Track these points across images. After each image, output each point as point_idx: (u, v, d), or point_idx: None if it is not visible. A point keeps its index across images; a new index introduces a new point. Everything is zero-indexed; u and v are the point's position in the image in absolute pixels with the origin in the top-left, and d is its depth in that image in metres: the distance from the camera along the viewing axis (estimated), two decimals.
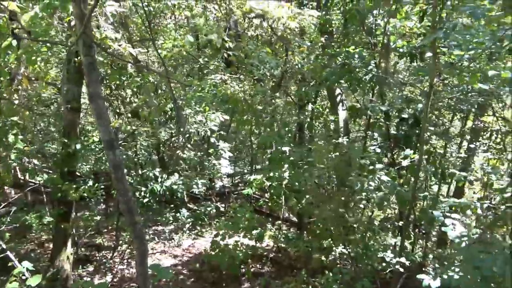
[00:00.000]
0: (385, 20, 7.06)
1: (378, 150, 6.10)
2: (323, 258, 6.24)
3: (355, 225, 5.85)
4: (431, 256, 7.34)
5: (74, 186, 6.50)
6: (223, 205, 11.58)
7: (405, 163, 5.97)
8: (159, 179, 7.98)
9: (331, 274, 5.71)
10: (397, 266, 5.27)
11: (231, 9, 6.63)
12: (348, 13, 6.56)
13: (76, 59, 5.84)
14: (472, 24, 6.11)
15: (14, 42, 2.99)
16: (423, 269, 6.43)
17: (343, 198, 6.06)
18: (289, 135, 9.49)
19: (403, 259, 5.28)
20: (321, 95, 11.22)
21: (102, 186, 8.18)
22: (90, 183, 7.25)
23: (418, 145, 6.80)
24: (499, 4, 6.32)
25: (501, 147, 8.03)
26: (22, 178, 11.99)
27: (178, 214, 10.04)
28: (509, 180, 5.68)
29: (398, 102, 7.67)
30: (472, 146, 7.61)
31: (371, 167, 5.54)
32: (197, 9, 6.98)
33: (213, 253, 7.45)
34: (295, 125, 9.86)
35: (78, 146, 6.49)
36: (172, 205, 10.35)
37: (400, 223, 6.03)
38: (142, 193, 7.67)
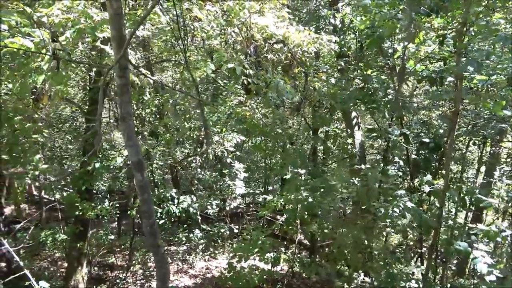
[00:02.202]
0: (402, 44, 7.09)
1: (400, 174, 6.00)
2: (345, 286, 6.06)
3: (375, 252, 5.70)
4: (449, 285, 7.10)
5: (92, 204, 6.49)
6: (236, 226, 11.46)
7: (426, 188, 5.86)
8: (175, 200, 7.93)
9: None
10: None
11: (252, 35, 6.69)
12: (368, 38, 6.58)
13: (104, 81, 5.93)
14: (492, 50, 6.11)
15: (54, 63, 3.06)
16: None
17: (363, 224, 5.93)
18: (305, 157, 9.44)
19: None
20: (335, 117, 11.23)
21: (117, 205, 8.17)
22: (107, 201, 7.25)
23: (441, 170, 6.69)
24: None
25: None
26: (37, 194, 12.08)
27: (191, 235, 9.94)
28: None
29: (417, 126, 7.61)
30: (494, 172, 7.45)
31: (392, 192, 5.44)
32: (215, 31, 7.09)
33: (228, 275, 7.31)
34: (309, 147, 9.82)
35: (97, 165, 6.52)
36: (185, 225, 10.27)
37: (423, 249, 5.87)
38: (158, 214, 7.62)
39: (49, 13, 3.49)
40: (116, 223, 11.16)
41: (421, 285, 5.11)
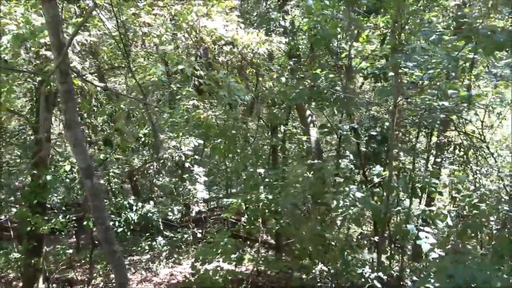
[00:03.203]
0: (349, 43, 7.45)
1: (351, 166, 6.30)
2: (303, 276, 6.26)
3: (333, 243, 5.94)
4: (408, 270, 7.49)
5: (46, 218, 6.28)
6: (200, 230, 11.42)
7: (376, 179, 6.19)
8: (134, 207, 7.81)
9: None
10: (375, 282, 5.37)
11: (202, 37, 6.77)
12: (313, 38, 6.87)
13: (45, 88, 5.77)
14: (429, 46, 6.57)
15: None
16: (401, 283, 6.57)
17: (319, 217, 6.16)
18: (263, 157, 9.62)
19: (380, 274, 5.39)
20: (292, 116, 11.53)
21: (74, 218, 7.92)
22: (61, 215, 7.02)
23: (388, 161, 7.06)
24: (451, 30, 6.85)
25: (464, 160, 8.45)
26: None
27: (154, 243, 9.81)
28: (474, 187, 5.98)
29: (366, 121, 7.99)
30: (438, 160, 7.97)
31: (345, 185, 5.71)
32: (165, 36, 7.12)
33: (192, 279, 7.31)
34: (268, 147, 10.01)
35: (49, 177, 6.32)
36: (147, 234, 10.12)
37: (376, 238, 6.18)
38: (116, 223, 7.47)
39: None
40: (74, 237, 10.78)
41: (375, 270, 5.39)
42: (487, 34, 3.83)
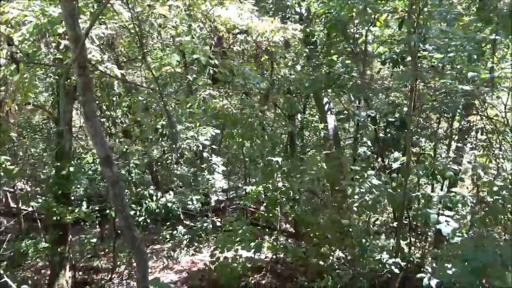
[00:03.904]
0: (365, 28, 7.32)
1: (368, 153, 6.24)
2: (321, 262, 6.29)
3: (350, 229, 5.94)
4: (429, 257, 7.41)
5: (69, 208, 6.50)
6: (219, 219, 11.57)
7: (395, 165, 6.12)
8: (154, 197, 7.98)
9: (330, 277, 5.76)
10: (392, 267, 5.35)
11: (216, 27, 6.77)
12: (328, 23, 6.78)
13: (66, 82, 5.93)
14: (449, 29, 6.38)
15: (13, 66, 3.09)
16: (421, 269, 6.52)
17: (336, 204, 6.16)
18: (281, 145, 9.62)
19: (398, 260, 5.36)
20: (309, 104, 11.45)
21: (97, 209, 8.16)
22: (85, 205, 7.25)
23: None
24: (472, 10, 6.62)
25: (487, 144, 8.22)
26: (15, 206, 11.86)
27: (174, 232, 10.02)
28: (496, 173, 5.85)
29: (384, 107, 7.87)
30: (459, 145, 7.79)
31: (362, 172, 5.68)
32: (181, 27, 7.15)
33: (212, 266, 7.44)
34: (285, 135, 10.00)
35: (72, 169, 6.52)
36: (168, 223, 10.33)
37: (395, 224, 6.14)
38: (138, 212, 7.67)
39: (2, 11, 3.49)
40: (98, 227, 11.10)
41: (393, 256, 5.37)
42: (508, 14, 3.70)
